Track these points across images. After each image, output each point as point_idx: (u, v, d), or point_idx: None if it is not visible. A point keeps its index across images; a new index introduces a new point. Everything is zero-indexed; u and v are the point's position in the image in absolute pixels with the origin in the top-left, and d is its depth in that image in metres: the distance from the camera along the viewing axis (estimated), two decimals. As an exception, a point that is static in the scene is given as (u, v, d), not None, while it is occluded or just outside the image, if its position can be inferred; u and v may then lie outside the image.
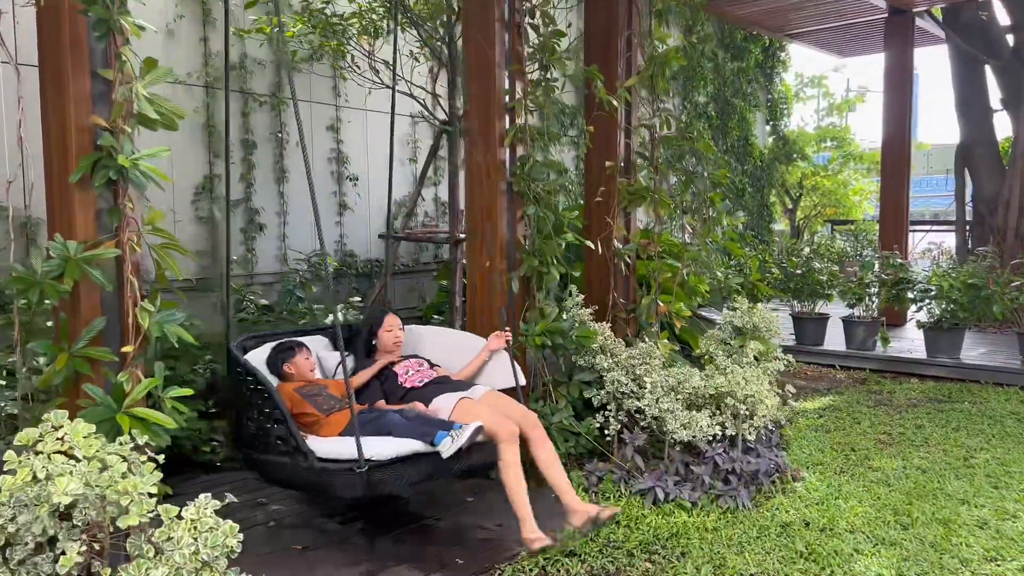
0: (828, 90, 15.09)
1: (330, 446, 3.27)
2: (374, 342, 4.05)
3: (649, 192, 5.02)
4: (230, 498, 4.11)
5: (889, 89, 9.19)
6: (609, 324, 4.85)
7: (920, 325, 7.21)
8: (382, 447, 3.19)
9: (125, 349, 2.81)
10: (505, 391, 3.88)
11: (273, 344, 3.83)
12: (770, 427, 4.68)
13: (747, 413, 4.39)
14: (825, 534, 3.70)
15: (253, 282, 6.29)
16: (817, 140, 14.46)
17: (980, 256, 7.19)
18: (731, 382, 4.37)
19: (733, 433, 4.40)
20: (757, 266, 7.35)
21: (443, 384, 3.83)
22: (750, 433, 4.37)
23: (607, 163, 5.02)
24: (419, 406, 3.65)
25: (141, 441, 2.63)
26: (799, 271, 7.94)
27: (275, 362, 3.76)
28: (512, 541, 3.63)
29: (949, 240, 14.33)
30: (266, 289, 6.32)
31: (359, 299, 6.32)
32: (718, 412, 4.44)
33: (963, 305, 6.84)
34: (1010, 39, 9.47)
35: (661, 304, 5.07)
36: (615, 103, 4.81)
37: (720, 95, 11.70)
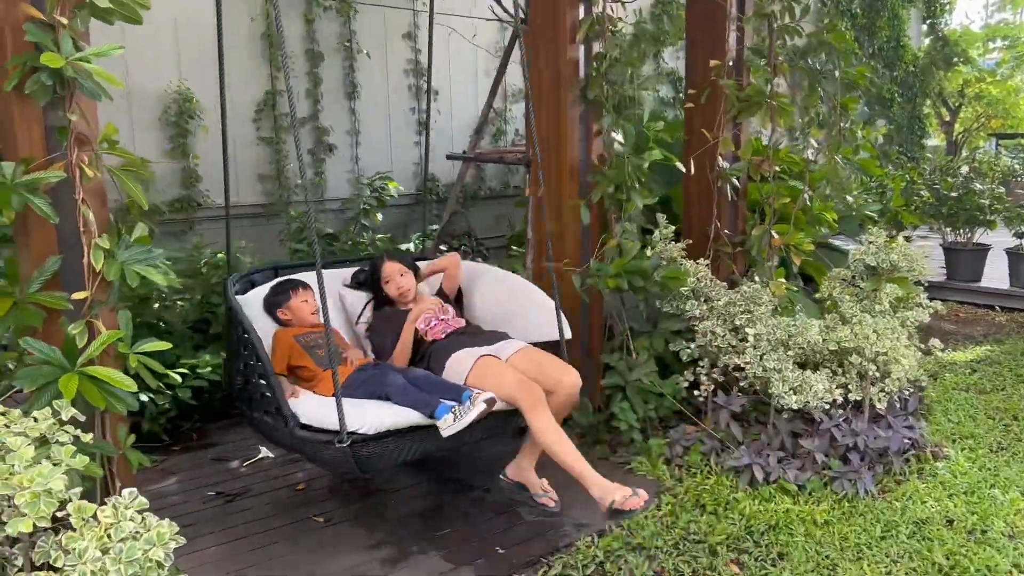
0: (1002, -21, 12.90)
1: (315, 410, 2.68)
2: (383, 294, 3.41)
3: (765, 97, 4.08)
4: (264, 452, 3.75)
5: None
6: (708, 261, 4.03)
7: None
8: (371, 417, 2.59)
9: (77, 295, 2.32)
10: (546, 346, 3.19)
11: (273, 283, 3.29)
12: (907, 390, 3.78)
13: (877, 374, 3.52)
14: (974, 540, 2.86)
15: (324, 208, 5.83)
16: (984, 40, 12.44)
17: None
18: (858, 336, 3.50)
19: (858, 398, 3.55)
20: (901, 188, 6.16)
21: (467, 336, 3.16)
22: (880, 399, 3.51)
23: (712, 62, 4.10)
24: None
25: (102, 409, 2.17)
26: (954, 193, 6.68)
27: (269, 306, 3.19)
28: (569, 525, 3.02)
29: None
30: (336, 216, 5.85)
31: (434, 227, 5.75)
32: (840, 372, 3.59)
33: None
34: None
35: (775, 236, 4.18)
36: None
37: (868, -12, 10.11)
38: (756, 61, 4.16)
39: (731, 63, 4.16)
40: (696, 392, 3.63)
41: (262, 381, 2.81)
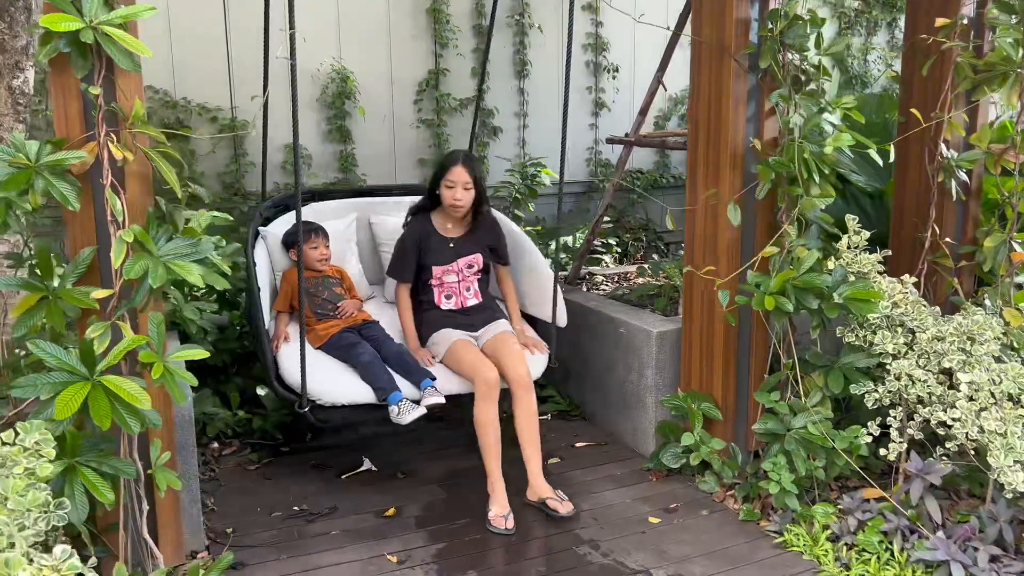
0: None
1: (291, 369, 2.87)
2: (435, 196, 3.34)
3: (1014, 65, 3.07)
4: (367, 464, 3.43)
5: None
6: (916, 278, 3.13)
7: None
8: (330, 387, 2.90)
9: (97, 294, 2.06)
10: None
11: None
12: None
13: None
14: None
15: (490, 195, 5.44)
16: None
17: None
18: None
19: None
20: None
21: (461, 315, 3.26)
22: None
23: (938, 21, 3.16)
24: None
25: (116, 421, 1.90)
26: None
27: (284, 244, 3.39)
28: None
29: None
30: (496, 205, 5.45)
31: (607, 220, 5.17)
32: None
33: None
34: None
35: (1017, 248, 3.17)
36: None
37: None
38: (1003, 18, 3.14)
39: (966, 21, 3.18)
40: (884, 451, 2.79)
41: (254, 321, 3.05)
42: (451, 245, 3.27)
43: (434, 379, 2.97)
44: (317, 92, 4.85)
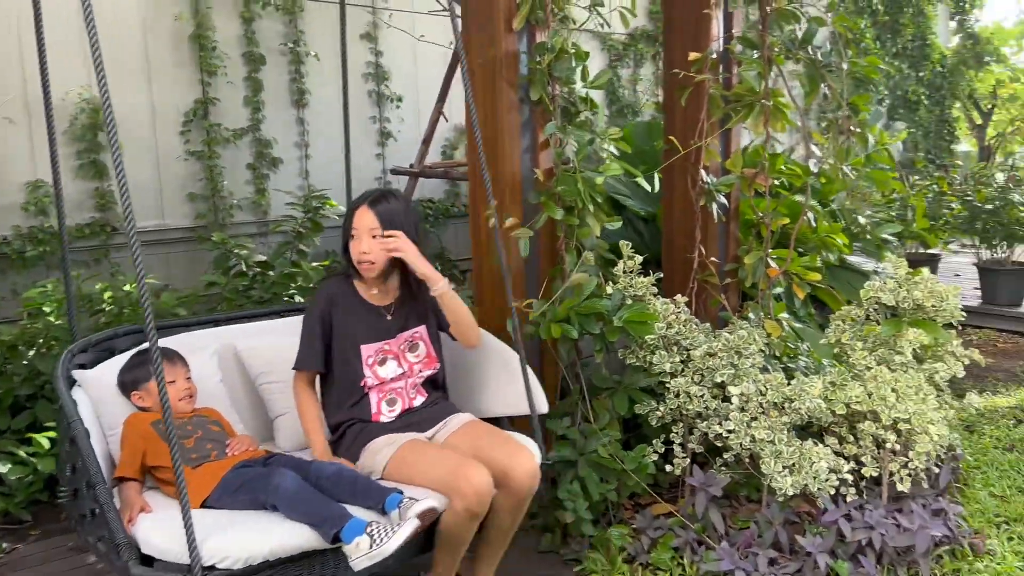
0: (1037, -28, 11.98)
1: (159, 534, 1.91)
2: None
3: (758, 96, 3.34)
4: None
5: None
6: (688, 297, 3.30)
7: None
8: (239, 542, 1.85)
9: None
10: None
11: (132, 352, 2.43)
12: (937, 463, 3.01)
13: (898, 445, 2.76)
14: None
15: (268, 230, 5.15)
16: (1017, 37, 11.55)
17: None
18: (873, 397, 2.75)
19: (875, 474, 2.80)
20: (924, 209, 5.33)
21: (400, 419, 2.39)
22: (902, 479, 2.75)
23: (691, 55, 3.38)
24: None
25: None
26: (990, 206, 5.87)
27: (123, 386, 2.32)
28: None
29: None
30: (278, 238, 5.18)
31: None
32: (851, 440, 2.84)
33: None
34: None
35: (772, 264, 3.44)
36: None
37: (890, -17, 9.31)
38: (747, 53, 3.42)
39: (715, 55, 3.43)
40: (670, 467, 2.89)
41: (89, 490, 2.01)
42: (381, 316, 2.42)
43: (402, 492, 2.03)
44: (64, 124, 4.35)
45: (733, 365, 2.85)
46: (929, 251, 6.52)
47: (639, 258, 3.09)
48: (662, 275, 3.29)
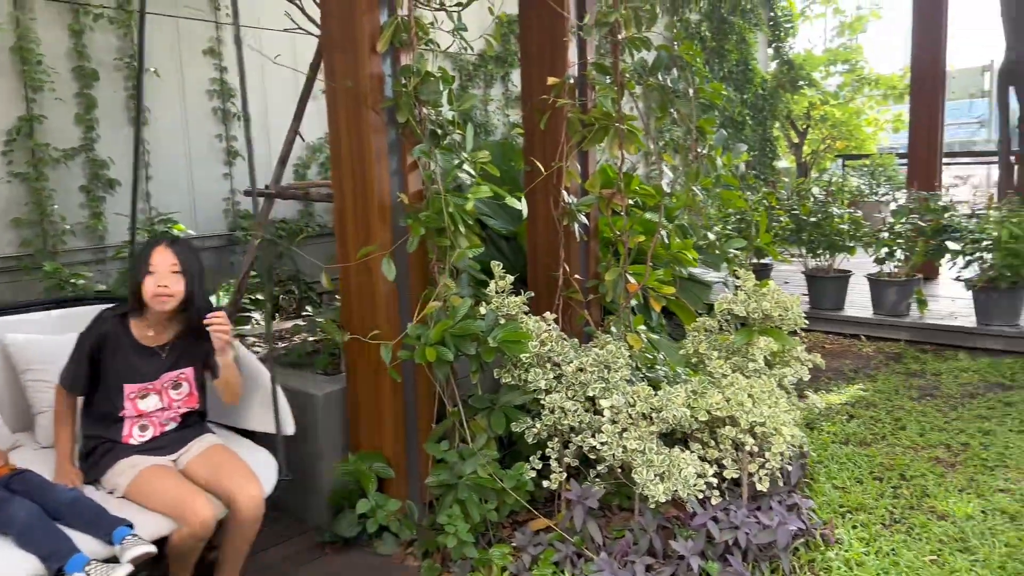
0: (838, 6, 13.30)
1: None
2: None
3: (612, 120, 3.49)
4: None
5: (920, -8, 7.54)
6: (555, 314, 3.38)
7: (970, 285, 5.73)
8: None
9: None
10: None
11: None
12: (789, 461, 3.25)
13: (756, 447, 2.95)
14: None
15: (104, 257, 4.79)
16: (826, 64, 12.74)
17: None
18: (731, 402, 2.92)
19: (736, 476, 2.97)
20: (766, 224, 5.77)
21: (156, 439, 2.54)
22: (760, 479, 2.94)
23: (549, 80, 3.48)
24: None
25: None
26: (813, 219, 6.42)
27: None
28: None
29: (976, 174, 12.76)
30: (119, 264, 4.83)
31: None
32: (713, 444, 3.01)
33: (1028, 260, 5.34)
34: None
35: (631, 279, 3.59)
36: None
37: (715, 12, 10.01)
38: (601, 79, 3.57)
39: (572, 80, 3.55)
40: (547, 482, 2.94)
41: None
42: (152, 356, 2.54)
43: (131, 526, 2.19)
44: None
45: (604, 379, 2.95)
46: (762, 261, 7.03)
47: (511, 278, 3.14)
48: (532, 294, 3.35)
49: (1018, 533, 2.97)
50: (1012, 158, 8.22)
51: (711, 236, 3.89)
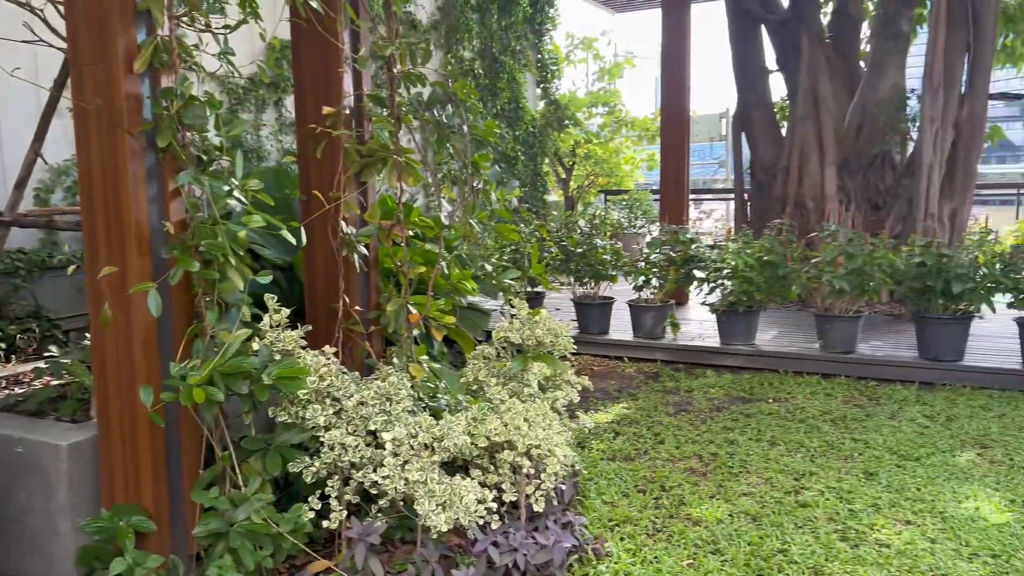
0: (599, 53, 14.40)
1: None
2: None
3: (390, 152, 3.50)
4: None
5: (667, 47, 8.36)
6: (335, 347, 3.31)
7: (714, 309, 6.38)
8: None
9: None
10: None
11: None
12: (562, 481, 3.40)
13: (532, 470, 3.06)
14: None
15: None
16: (588, 105, 13.72)
17: (775, 229, 6.47)
18: (509, 427, 3.02)
19: (514, 499, 3.06)
20: (538, 255, 6.07)
21: None
22: (537, 500, 3.05)
23: (325, 110, 3.43)
24: None
25: None
26: (580, 249, 6.85)
27: None
28: None
29: (719, 209, 14.29)
30: None
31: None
32: (491, 470, 3.08)
33: (760, 286, 6.06)
34: (783, -2, 9.01)
35: (412, 310, 3.60)
36: (331, 14, 3.22)
37: (487, 51, 10.44)
38: (377, 111, 3.58)
39: (348, 111, 3.53)
40: (327, 522, 2.85)
41: None
42: None
43: None
44: None
45: (385, 412, 2.92)
46: (535, 289, 7.36)
47: (286, 311, 3.03)
48: (309, 328, 3.25)
49: (759, 532, 3.32)
50: (745, 195, 9.31)
51: (488, 267, 4.02)
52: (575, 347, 3.80)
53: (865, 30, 9.38)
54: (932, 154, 7.41)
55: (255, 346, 2.88)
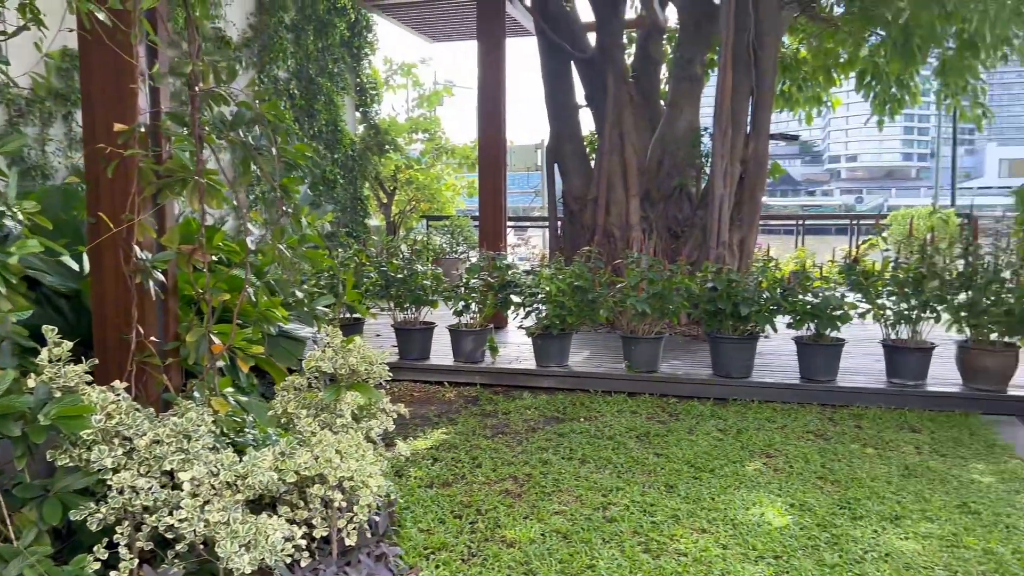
0: (418, 79, 14.51)
1: None
2: None
3: (191, 173, 3.32)
4: None
5: (483, 78, 8.57)
6: (127, 382, 3.07)
7: (529, 332, 6.57)
8: None
9: None
10: None
11: None
12: (376, 512, 3.35)
13: (344, 503, 2.99)
14: None
15: None
16: (409, 131, 13.76)
17: (584, 256, 6.78)
18: (320, 460, 2.93)
19: (326, 533, 2.97)
20: (353, 282, 5.97)
21: None
22: (349, 533, 2.98)
23: (116, 127, 3.20)
24: None
25: None
26: (400, 275, 6.82)
27: None
28: None
29: (536, 235, 14.76)
30: None
31: None
32: (301, 505, 2.97)
33: (571, 309, 6.31)
34: (592, 37, 9.53)
35: (215, 340, 3.42)
36: (124, 28, 3.01)
37: (304, 72, 10.21)
38: (177, 130, 3.39)
39: (143, 129, 3.32)
40: (115, 572, 2.62)
41: None
42: None
43: None
44: None
45: (183, 450, 2.74)
46: (355, 316, 7.24)
47: (69, 344, 2.77)
48: (96, 362, 2.99)
49: (570, 550, 3.43)
50: (559, 223, 9.69)
51: (299, 294, 3.90)
52: (393, 374, 3.77)
53: (665, 71, 10.13)
54: (723, 187, 8.09)
55: (31, 383, 2.61)
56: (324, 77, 10.61)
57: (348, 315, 7.15)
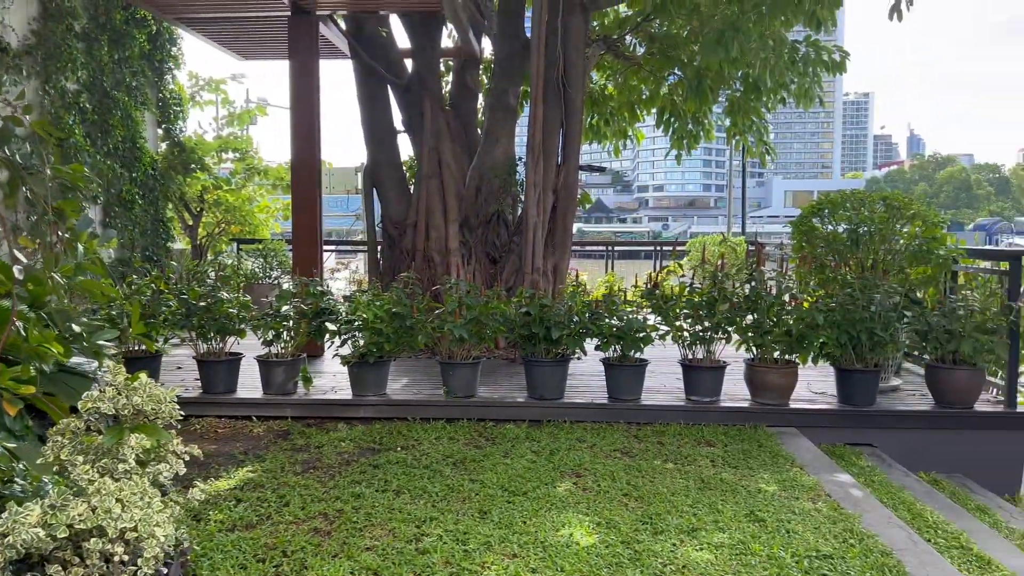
0: (228, 97, 13.84)
1: None
2: None
3: (-56, 195, 2.94)
4: None
5: (296, 99, 8.33)
6: None
7: (345, 361, 6.39)
8: None
9: None
10: None
11: None
12: (167, 562, 3.08)
13: (128, 556, 2.72)
14: None
15: None
16: (218, 150, 13.08)
17: (402, 281, 6.71)
18: (98, 511, 2.66)
19: (105, 593, 2.69)
20: (139, 314, 5.52)
21: None
22: (133, 590, 2.71)
23: None
24: None
25: None
26: (204, 303, 6.42)
27: None
28: None
29: (356, 260, 14.47)
30: None
31: None
32: (76, 562, 2.67)
33: (389, 336, 6.22)
34: (409, 63, 9.54)
35: (-26, 382, 3.03)
36: None
37: (97, 84, 9.44)
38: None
39: None
40: None
41: None
42: None
43: None
44: None
45: (-76, 511, 2.38)
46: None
47: None
48: None
49: (380, 585, 3.33)
50: (379, 248, 9.57)
51: (76, 328, 3.54)
52: (195, 410, 3.50)
53: (481, 101, 10.33)
54: (536, 215, 8.34)
55: None
56: (121, 91, 9.87)
57: (140, 348, 6.63)
